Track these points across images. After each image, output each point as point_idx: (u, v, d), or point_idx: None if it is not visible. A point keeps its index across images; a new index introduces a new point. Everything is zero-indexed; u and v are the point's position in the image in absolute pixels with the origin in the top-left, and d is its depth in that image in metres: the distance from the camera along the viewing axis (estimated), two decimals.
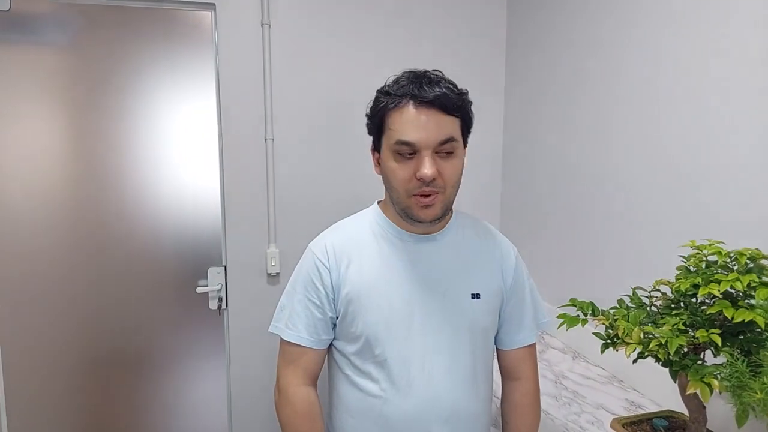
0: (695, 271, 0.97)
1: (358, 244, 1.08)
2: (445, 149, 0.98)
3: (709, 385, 0.80)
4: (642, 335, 0.89)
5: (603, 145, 1.57)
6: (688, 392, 0.81)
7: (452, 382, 1.04)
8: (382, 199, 1.15)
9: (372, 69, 2.04)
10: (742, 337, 0.87)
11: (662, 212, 1.33)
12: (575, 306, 1.06)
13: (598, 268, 1.60)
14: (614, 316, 0.97)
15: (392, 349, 1.03)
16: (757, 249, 0.85)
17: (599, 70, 1.59)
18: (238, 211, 2.00)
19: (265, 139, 1.98)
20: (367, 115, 1.08)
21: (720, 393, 0.81)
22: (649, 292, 1.00)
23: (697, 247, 0.92)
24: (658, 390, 1.33)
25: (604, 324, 0.96)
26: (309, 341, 1.07)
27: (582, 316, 1.01)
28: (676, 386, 1.27)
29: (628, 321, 0.94)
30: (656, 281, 0.99)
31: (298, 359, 1.09)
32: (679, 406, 1.24)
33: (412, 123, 0.96)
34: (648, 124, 1.37)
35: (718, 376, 0.82)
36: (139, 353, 1.98)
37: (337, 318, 1.08)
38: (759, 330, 0.85)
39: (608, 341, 0.97)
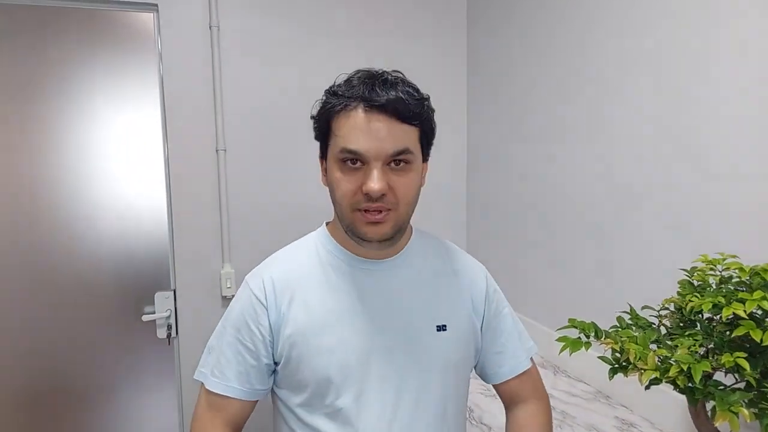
0: (700, 285, 0.92)
1: (302, 275, 0.92)
2: (398, 159, 0.83)
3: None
4: (657, 360, 0.82)
5: (576, 153, 1.52)
6: (717, 423, 0.74)
7: (417, 430, 0.90)
8: (331, 219, 0.99)
9: (331, 72, 1.90)
10: (758, 356, 0.82)
11: (641, 224, 1.28)
12: (575, 327, 0.98)
13: (573, 282, 1.55)
14: (621, 337, 0.89)
15: (347, 397, 0.87)
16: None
17: (582, 68, 1.54)
18: (188, 229, 1.83)
19: (217, 150, 1.82)
20: (312, 117, 0.93)
21: (748, 422, 0.75)
22: (658, 311, 0.93)
23: (710, 262, 0.86)
24: (646, 406, 1.28)
25: (612, 347, 0.88)
26: (239, 392, 0.91)
27: (584, 339, 0.94)
28: (661, 401, 1.23)
29: (636, 343, 0.88)
30: (665, 300, 0.92)
31: (223, 408, 0.92)
32: (672, 423, 1.20)
33: (361, 130, 0.81)
34: (622, 131, 1.33)
35: (743, 402, 0.77)
36: (78, 389, 1.77)
37: (277, 365, 0.92)
38: None
39: (616, 366, 0.90)
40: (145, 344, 1.84)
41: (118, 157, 1.75)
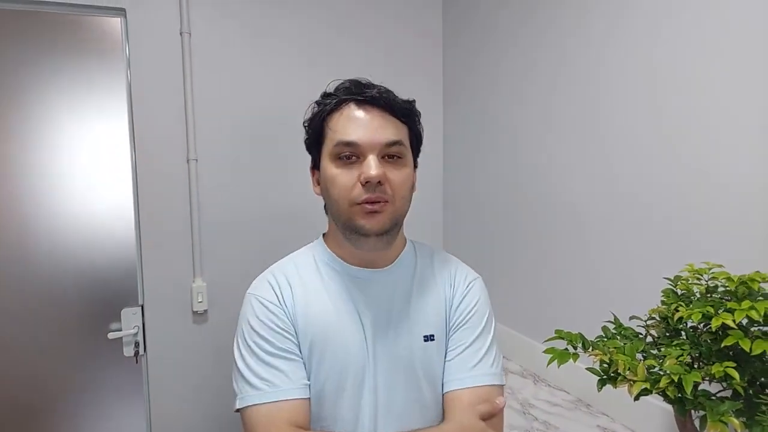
0: (684, 294, 0.93)
1: (303, 282, 0.93)
2: (392, 152, 0.87)
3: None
4: (646, 371, 0.82)
5: (551, 160, 1.53)
6: None
7: None
8: (326, 231, 1.01)
9: (305, 80, 1.90)
10: (744, 365, 0.82)
11: (625, 232, 1.29)
12: (562, 338, 0.97)
13: (553, 290, 1.55)
14: (609, 348, 0.89)
15: (341, 410, 0.87)
16: (757, 272, 0.81)
17: (566, 67, 1.55)
18: (157, 241, 1.76)
19: (188, 160, 1.76)
20: (305, 126, 0.95)
21: (738, 431, 0.75)
22: (645, 320, 0.93)
23: (696, 271, 0.87)
24: (627, 414, 1.28)
25: (601, 359, 0.88)
26: (298, 391, 0.84)
27: (572, 350, 0.94)
28: (643, 409, 1.24)
29: (624, 354, 0.87)
30: (651, 310, 0.92)
31: (288, 414, 0.82)
32: (650, 428, 1.20)
33: (355, 121, 0.86)
34: (592, 134, 1.34)
35: (731, 412, 0.77)
36: (41, 411, 1.67)
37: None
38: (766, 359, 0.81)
39: (605, 378, 0.90)
40: (112, 363, 1.76)
41: (83, 167, 1.67)
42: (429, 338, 0.93)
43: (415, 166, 0.96)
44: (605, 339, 0.97)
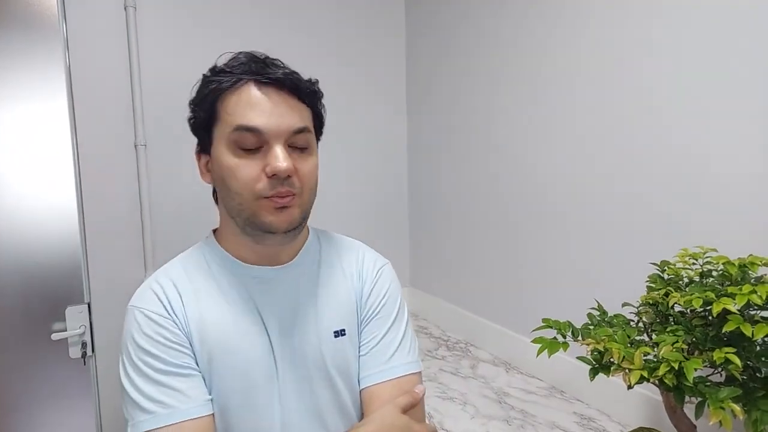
0: (671, 279, 0.91)
1: (194, 288, 0.82)
2: (299, 142, 0.78)
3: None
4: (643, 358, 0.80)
5: (528, 147, 1.51)
6: (712, 422, 0.72)
7: None
8: (217, 227, 0.91)
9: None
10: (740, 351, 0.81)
11: (584, 218, 1.28)
12: (551, 327, 0.94)
13: (524, 279, 1.54)
14: (600, 336, 0.86)
15: (250, 423, 0.79)
16: (752, 255, 0.79)
17: (553, 50, 1.51)
18: (104, 234, 1.62)
19: (136, 146, 1.63)
20: (190, 104, 0.85)
21: (740, 418, 0.74)
22: (637, 308, 0.91)
23: (691, 255, 0.85)
24: (600, 398, 1.29)
25: (596, 347, 0.85)
26: (200, 408, 0.75)
27: (561, 339, 0.91)
28: (614, 393, 1.24)
29: (616, 341, 0.85)
30: (643, 296, 0.90)
31: None
32: (624, 414, 1.20)
33: (257, 105, 0.75)
34: (564, 122, 1.32)
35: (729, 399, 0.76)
36: None
37: None
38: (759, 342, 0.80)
39: (597, 366, 0.87)
40: (57, 366, 1.61)
41: (17, 158, 1.50)
42: (340, 333, 0.86)
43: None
44: (591, 327, 0.94)
